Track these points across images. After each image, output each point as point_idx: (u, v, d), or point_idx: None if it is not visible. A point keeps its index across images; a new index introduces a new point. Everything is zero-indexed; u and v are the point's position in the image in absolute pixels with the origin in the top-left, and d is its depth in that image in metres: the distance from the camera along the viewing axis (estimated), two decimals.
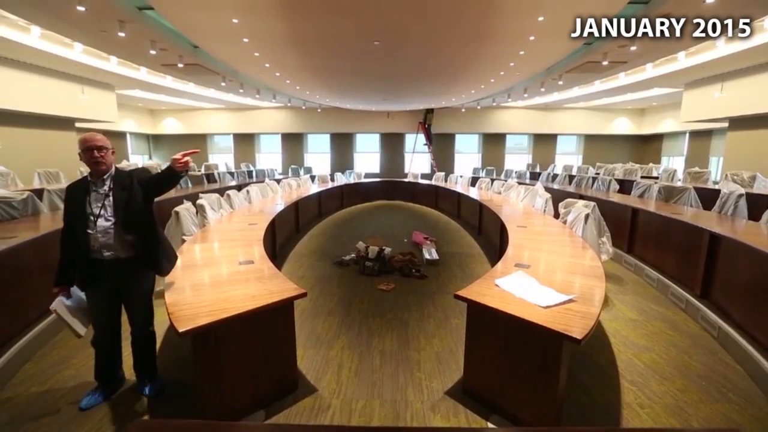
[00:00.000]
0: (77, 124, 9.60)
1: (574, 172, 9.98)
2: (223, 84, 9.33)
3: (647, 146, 14.96)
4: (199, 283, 2.36)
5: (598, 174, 8.90)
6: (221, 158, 14.76)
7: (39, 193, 4.43)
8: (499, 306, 2.04)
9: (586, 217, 3.80)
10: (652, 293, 4.10)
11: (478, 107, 14.46)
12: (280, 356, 2.31)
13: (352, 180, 11.14)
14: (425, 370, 2.63)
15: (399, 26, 5.27)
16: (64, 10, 4.59)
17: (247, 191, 6.10)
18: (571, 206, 4.27)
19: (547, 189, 6.06)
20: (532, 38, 5.70)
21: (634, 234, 5.01)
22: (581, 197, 5.80)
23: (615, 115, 14.73)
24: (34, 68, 7.67)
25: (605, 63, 6.95)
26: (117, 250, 2.10)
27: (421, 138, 15.12)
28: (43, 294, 2.13)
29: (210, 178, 9.56)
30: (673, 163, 13.53)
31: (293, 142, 15.67)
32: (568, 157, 15.53)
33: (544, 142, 15.60)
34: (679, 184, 6.11)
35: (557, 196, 5.34)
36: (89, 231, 2.05)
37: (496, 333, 2.16)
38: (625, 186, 7.44)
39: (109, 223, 2.08)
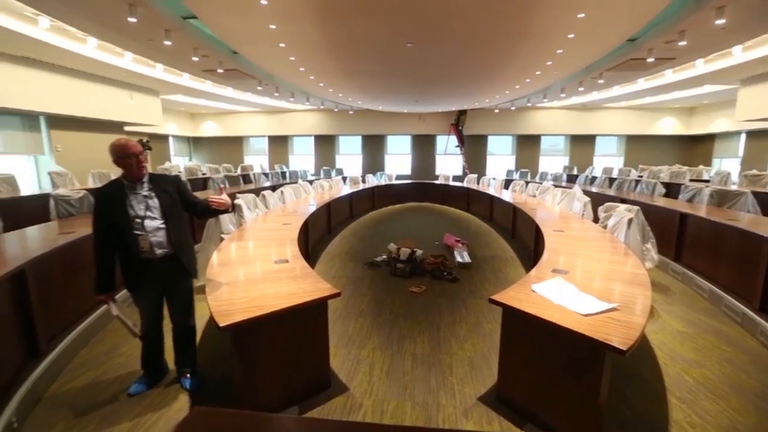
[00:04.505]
0: (126, 128, 10.24)
1: (614, 175, 9.55)
2: (259, 88, 9.63)
3: (696, 147, 14.02)
4: (237, 280, 2.44)
5: (642, 177, 8.45)
6: (256, 160, 15.22)
7: (92, 192, 4.75)
8: (536, 312, 1.98)
9: (629, 221, 3.62)
10: (702, 304, 3.84)
11: (513, 108, 14.11)
12: (314, 354, 2.35)
13: (383, 182, 11.18)
14: (457, 374, 2.59)
15: (432, 27, 5.23)
16: (117, 21, 4.90)
17: (281, 192, 6.26)
18: (612, 210, 4.08)
19: (585, 192, 5.83)
20: (571, 36, 5.50)
21: (683, 241, 4.70)
22: (623, 201, 5.54)
23: (660, 115, 13.91)
24: (89, 76, 8.26)
25: (651, 60, 6.58)
26: (167, 248, 2.22)
27: (453, 140, 14.94)
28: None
29: (246, 178, 9.91)
30: (727, 165, 12.59)
31: (325, 144, 15.93)
32: (607, 159, 14.82)
33: (582, 143, 14.98)
34: (734, 187, 5.69)
35: (596, 200, 5.13)
36: (137, 232, 2.15)
37: (533, 340, 2.09)
38: (671, 190, 7.01)
39: (158, 223, 2.19)
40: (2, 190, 5.26)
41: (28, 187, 7.04)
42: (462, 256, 5.18)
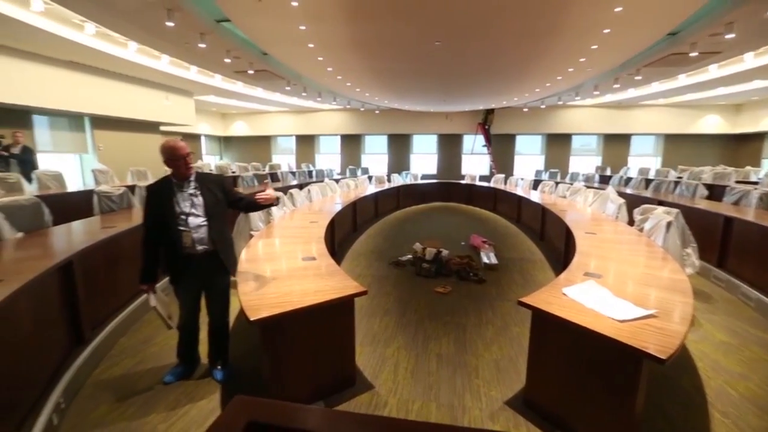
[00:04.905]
0: (161, 128, 10.71)
1: (651, 176, 9.12)
2: (287, 88, 9.83)
3: (743, 147, 13.15)
4: (267, 276, 2.50)
5: (681, 178, 8.03)
6: (283, 158, 15.54)
7: (131, 188, 5.00)
8: (567, 316, 1.92)
9: (668, 225, 3.45)
10: (749, 314, 3.60)
11: (543, 106, 13.74)
12: (340, 351, 2.38)
13: (408, 181, 11.16)
14: (483, 377, 2.55)
15: (461, 25, 5.17)
16: (156, 26, 5.14)
17: (308, 190, 6.36)
18: (648, 213, 3.90)
19: (619, 194, 5.60)
20: (607, 31, 5.29)
21: (727, 246, 4.43)
22: (661, 203, 5.29)
23: (703, 112, 13.15)
24: (129, 79, 8.68)
25: (694, 54, 6.23)
26: (208, 244, 2.32)
27: (480, 139, 14.71)
28: (135, 277, 2.39)
29: (273, 177, 10.15)
30: None
31: (351, 143, 16.06)
32: (643, 159, 14.17)
33: (616, 142, 14.39)
34: None
35: (632, 202, 4.91)
36: (182, 228, 2.26)
37: (564, 344, 2.03)
38: (714, 191, 6.63)
39: (201, 220, 2.29)
40: (51, 187, 5.61)
41: (73, 184, 7.48)
42: (488, 258, 5.09)
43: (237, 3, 4.54)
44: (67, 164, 8.34)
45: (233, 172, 9.71)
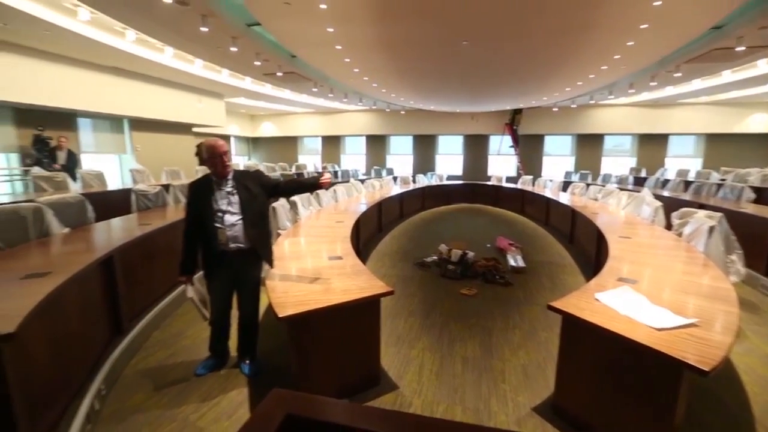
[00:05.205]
0: (194, 129, 11.13)
1: (691, 177, 8.66)
2: (314, 89, 10.00)
3: None
4: (294, 274, 2.54)
5: (725, 180, 7.58)
6: (309, 159, 15.80)
7: (166, 187, 5.21)
8: (600, 322, 1.85)
9: (711, 229, 3.26)
10: None
11: (573, 106, 13.31)
12: (365, 350, 2.39)
13: (433, 182, 11.09)
14: (510, 382, 2.50)
15: (489, 24, 5.08)
16: (191, 31, 5.35)
17: (334, 190, 6.44)
18: (688, 217, 3.71)
19: (656, 196, 5.36)
20: (644, 26, 5.06)
21: None
22: (702, 207, 5.00)
23: (749, 111, 12.34)
24: (164, 83, 9.09)
25: (740, 49, 5.86)
26: (241, 242, 2.37)
27: (507, 140, 14.43)
28: (169, 272, 2.49)
29: (300, 177, 10.33)
30: None
31: (377, 144, 16.12)
32: (682, 160, 13.45)
33: (652, 142, 13.74)
34: None
35: (669, 205, 4.69)
36: (217, 225, 2.33)
37: (596, 352, 1.96)
38: (763, 195, 6.23)
39: (236, 218, 2.36)
40: (94, 185, 5.94)
41: (113, 183, 7.89)
42: (516, 260, 4.98)
43: (266, 7, 4.66)
44: (107, 164, 8.80)
45: None
